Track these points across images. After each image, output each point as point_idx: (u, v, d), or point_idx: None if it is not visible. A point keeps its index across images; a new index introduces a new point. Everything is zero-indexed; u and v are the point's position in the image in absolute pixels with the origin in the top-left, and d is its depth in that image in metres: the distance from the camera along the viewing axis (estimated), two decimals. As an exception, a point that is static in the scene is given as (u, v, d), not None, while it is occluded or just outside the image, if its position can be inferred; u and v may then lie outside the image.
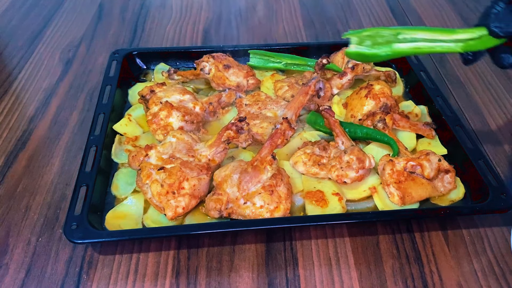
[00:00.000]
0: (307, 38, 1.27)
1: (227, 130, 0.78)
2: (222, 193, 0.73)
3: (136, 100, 0.96)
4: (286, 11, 1.39)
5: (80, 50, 1.19)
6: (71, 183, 0.81)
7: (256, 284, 0.68)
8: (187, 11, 1.38)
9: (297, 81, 1.00)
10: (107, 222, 0.73)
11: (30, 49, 1.18)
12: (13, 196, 0.80)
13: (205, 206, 0.74)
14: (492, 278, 0.69)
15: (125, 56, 1.04)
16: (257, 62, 1.06)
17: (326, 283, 0.68)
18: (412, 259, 0.71)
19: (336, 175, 0.78)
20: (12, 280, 0.67)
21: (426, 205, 0.78)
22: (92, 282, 0.67)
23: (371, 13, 1.39)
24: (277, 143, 0.78)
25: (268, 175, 0.73)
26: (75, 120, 0.96)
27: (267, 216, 0.72)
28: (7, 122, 0.95)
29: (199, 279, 0.68)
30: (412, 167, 0.78)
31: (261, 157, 0.75)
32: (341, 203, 0.76)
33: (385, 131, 0.85)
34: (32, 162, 0.86)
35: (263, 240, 0.73)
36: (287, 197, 0.73)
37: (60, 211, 0.77)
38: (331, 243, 0.73)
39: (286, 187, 0.74)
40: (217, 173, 0.75)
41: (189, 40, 1.25)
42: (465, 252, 0.73)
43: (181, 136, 0.80)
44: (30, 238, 0.73)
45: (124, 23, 1.31)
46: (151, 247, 0.72)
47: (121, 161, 0.84)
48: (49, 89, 1.05)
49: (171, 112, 0.86)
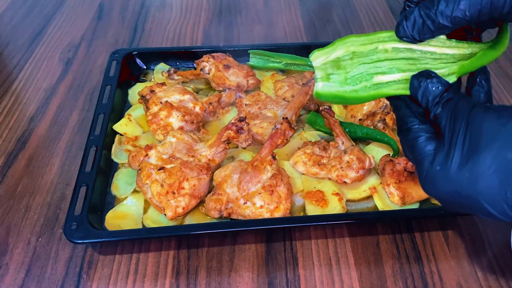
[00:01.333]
0: (307, 38, 1.27)
1: (227, 130, 0.78)
2: (222, 193, 0.73)
3: (136, 100, 0.96)
4: (286, 11, 1.39)
5: (80, 50, 1.19)
6: (71, 183, 0.81)
7: (256, 284, 0.68)
8: (187, 11, 1.38)
9: (297, 81, 1.00)
10: (107, 222, 0.73)
11: (30, 49, 1.18)
12: (13, 196, 0.80)
13: (205, 206, 0.74)
14: (492, 278, 0.69)
15: (125, 56, 1.04)
16: (257, 62, 1.06)
17: (326, 283, 0.68)
18: (412, 259, 0.71)
19: (336, 175, 0.78)
20: (12, 280, 0.67)
21: (426, 205, 0.78)
22: (92, 282, 0.67)
23: (371, 13, 1.39)
24: (277, 143, 0.78)
25: (268, 175, 0.73)
26: (75, 120, 0.96)
27: (267, 216, 0.72)
28: (7, 122, 0.95)
29: (199, 279, 0.68)
30: (412, 167, 0.78)
31: (261, 157, 0.75)
32: (341, 203, 0.76)
33: (385, 131, 0.85)
34: (32, 162, 0.86)
35: (263, 240, 0.73)
36: (287, 197, 0.73)
37: (60, 211, 0.77)
38: (331, 243, 0.73)
39: (286, 187, 0.74)
40: (217, 173, 0.75)
41: (189, 40, 1.25)
42: (465, 252, 0.73)
43: (181, 136, 0.80)
44: (30, 238, 0.73)
45: (124, 23, 1.31)
46: (151, 247, 0.72)
47: (121, 161, 0.84)
48: (49, 89, 1.05)
49: (171, 112, 0.86)
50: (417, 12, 0.47)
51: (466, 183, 0.42)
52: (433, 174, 0.44)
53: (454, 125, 0.44)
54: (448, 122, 0.44)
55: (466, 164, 0.42)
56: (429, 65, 0.50)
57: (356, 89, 0.52)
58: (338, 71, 0.52)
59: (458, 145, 0.43)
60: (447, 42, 0.50)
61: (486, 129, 0.41)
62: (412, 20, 0.47)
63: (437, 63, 0.50)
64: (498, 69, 1.15)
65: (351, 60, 0.52)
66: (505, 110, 0.41)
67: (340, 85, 0.52)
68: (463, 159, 0.42)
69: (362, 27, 1.32)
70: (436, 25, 0.46)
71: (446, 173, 0.43)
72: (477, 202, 0.41)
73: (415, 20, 0.47)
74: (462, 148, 0.42)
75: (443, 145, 0.44)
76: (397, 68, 0.51)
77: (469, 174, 0.41)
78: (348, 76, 0.52)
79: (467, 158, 0.42)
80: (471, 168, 0.41)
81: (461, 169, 0.42)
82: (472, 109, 0.43)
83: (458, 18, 0.45)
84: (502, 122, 0.40)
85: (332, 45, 0.53)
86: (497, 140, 0.40)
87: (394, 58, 0.51)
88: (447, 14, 0.45)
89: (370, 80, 0.51)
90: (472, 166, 0.41)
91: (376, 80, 0.51)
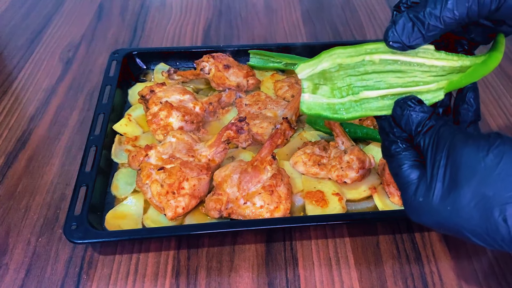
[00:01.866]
0: (307, 38, 1.27)
1: (227, 130, 0.78)
2: (222, 193, 0.73)
3: (136, 100, 0.96)
4: (286, 11, 1.39)
5: (80, 50, 1.19)
6: (71, 183, 0.81)
7: (256, 284, 0.68)
8: (187, 11, 1.38)
9: (297, 81, 1.00)
10: (107, 222, 0.73)
11: (30, 49, 1.18)
12: (13, 196, 0.80)
13: (205, 206, 0.74)
14: (492, 278, 0.69)
15: (125, 56, 1.04)
16: (257, 62, 1.06)
17: (326, 283, 0.68)
18: (412, 259, 0.71)
19: (336, 175, 0.78)
20: (12, 280, 0.67)
21: (426, 205, 0.78)
22: (92, 282, 0.67)
23: (371, 13, 1.39)
24: (277, 143, 0.78)
25: (268, 175, 0.73)
26: (75, 120, 0.96)
27: (267, 216, 0.72)
28: (7, 122, 0.95)
29: (199, 279, 0.68)
30: (412, 167, 0.78)
31: (261, 157, 0.75)
32: (341, 203, 0.76)
33: (385, 131, 0.85)
34: (32, 162, 0.86)
35: (263, 240, 0.73)
36: (287, 197, 0.73)
37: (60, 211, 0.77)
38: (331, 243, 0.73)
39: (286, 187, 0.74)
40: (217, 173, 0.75)
41: (189, 40, 1.25)
42: (465, 252, 0.73)
43: (181, 136, 0.80)
44: (30, 238, 0.73)
45: (124, 23, 1.31)
46: (151, 247, 0.72)
47: (121, 161, 0.84)
48: (49, 89, 1.05)
49: (171, 112, 0.86)
50: (406, 16, 0.47)
51: (449, 216, 0.42)
52: (416, 205, 0.45)
53: (435, 155, 0.44)
54: (429, 152, 0.45)
55: (447, 197, 0.42)
56: (418, 78, 0.49)
57: (342, 102, 0.51)
58: (324, 83, 0.52)
59: (439, 177, 0.43)
60: (436, 54, 0.49)
61: (465, 163, 0.41)
62: (401, 24, 0.47)
63: (425, 76, 0.49)
64: (498, 69, 1.15)
65: (337, 72, 0.51)
66: (484, 140, 0.42)
67: (327, 97, 0.52)
68: (445, 192, 0.42)
69: (362, 27, 1.32)
70: (426, 27, 0.46)
71: (428, 205, 0.44)
72: (461, 233, 0.42)
73: (405, 24, 0.47)
74: (443, 180, 0.43)
75: (426, 175, 0.45)
76: (385, 82, 0.50)
77: (451, 207, 0.42)
78: (334, 88, 0.52)
79: (448, 192, 0.42)
80: (453, 202, 0.42)
81: (443, 202, 0.42)
82: (453, 138, 0.43)
83: (448, 18, 0.45)
84: (480, 157, 0.41)
85: (318, 57, 0.51)
86: (475, 175, 0.41)
87: (382, 71, 0.50)
88: (436, 14, 0.45)
89: (357, 95, 0.51)
90: (453, 200, 0.42)
91: (363, 95, 0.51)
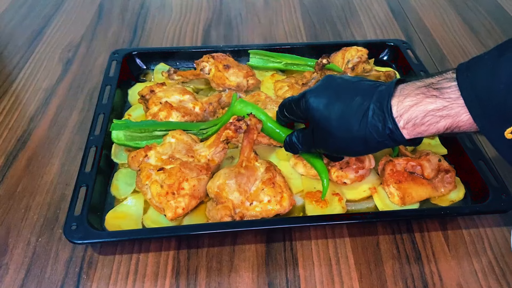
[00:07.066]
0: (307, 38, 1.27)
1: (226, 130, 0.78)
2: (225, 201, 0.72)
3: (136, 100, 0.96)
4: (286, 11, 1.39)
5: (80, 50, 1.19)
6: (71, 183, 0.81)
7: (256, 284, 0.68)
8: (187, 11, 1.38)
9: (297, 81, 1.00)
10: (107, 223, 0.73)
11: (30, 49, 1.18)
12: (13, 196, 0.80)
13: (213, 217, 0.72)
14: (492, 278, 0.69)
15: (125, 56, 1.04)
16: (257, 62, 1.06)
17: (326, 283, 0.68)
18: (412, 259, 0.71)
19: (336, 175, 0.78)
20: (12, 280, 0.67)
21: (426, 205, 0.78)
22: (92, 282, 0.67)
23: (371, 13, 1.39)
24: (253, 138, 0.77)
25: (261, 170, 0.74)
26: (75, 120, 0.96)
27: (277, 208, 0.72)
28: (7, 122, 0.95)
29: (199, 279, 0.68)
30: (412, 167, 0.78)
31: (246, 157, 0.75)
32: (341, 203, 0.76)
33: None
34: (32, 162, 0.86)
35: (263, 240, 0.73)
36: (286, 186, 0.74)
37: (60, 211, 0.77)
38: (331, 243, 0.73)
39: (281, 176, 0.76)
40: (210, 185, 0.74)
41: (189, 40, 1.25)
42: (465, 252, 0.73)
43: (180, 137, 0.80)
44: (30, 238, 0.73)
45: (124, 23, 1.31)
46: (151, 247, 0.72)
47: (121, 161, 0.84)
48: (49, 89, 1.05)
49: (171, 112, 0.86)
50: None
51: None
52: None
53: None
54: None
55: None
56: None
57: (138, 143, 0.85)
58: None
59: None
60: None
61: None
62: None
63: None
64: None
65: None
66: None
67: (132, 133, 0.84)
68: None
69: (362, 27, 1.32)
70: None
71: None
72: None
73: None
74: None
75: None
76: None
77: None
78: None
79: None
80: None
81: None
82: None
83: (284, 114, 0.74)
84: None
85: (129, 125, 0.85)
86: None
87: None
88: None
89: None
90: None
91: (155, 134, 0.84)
